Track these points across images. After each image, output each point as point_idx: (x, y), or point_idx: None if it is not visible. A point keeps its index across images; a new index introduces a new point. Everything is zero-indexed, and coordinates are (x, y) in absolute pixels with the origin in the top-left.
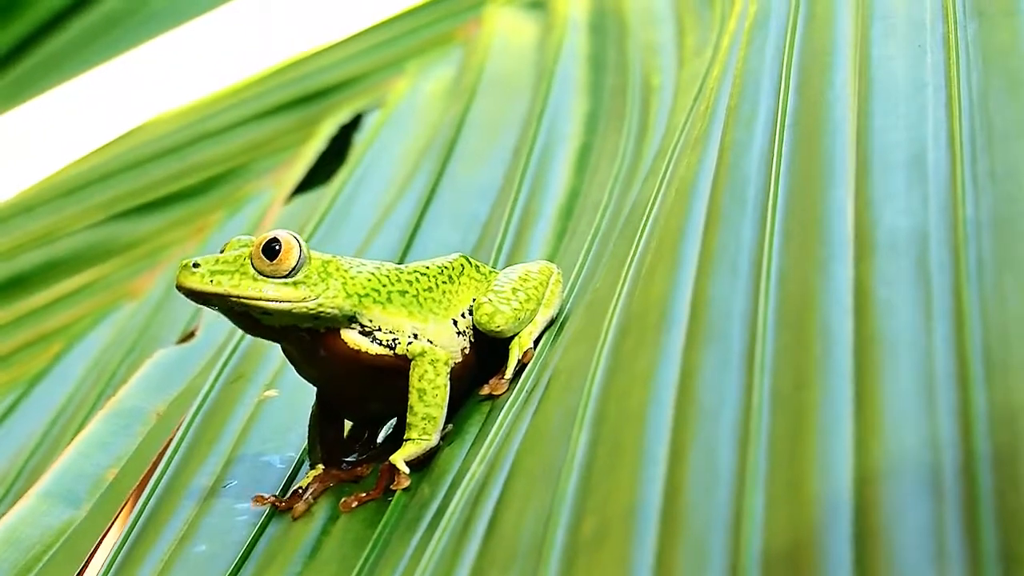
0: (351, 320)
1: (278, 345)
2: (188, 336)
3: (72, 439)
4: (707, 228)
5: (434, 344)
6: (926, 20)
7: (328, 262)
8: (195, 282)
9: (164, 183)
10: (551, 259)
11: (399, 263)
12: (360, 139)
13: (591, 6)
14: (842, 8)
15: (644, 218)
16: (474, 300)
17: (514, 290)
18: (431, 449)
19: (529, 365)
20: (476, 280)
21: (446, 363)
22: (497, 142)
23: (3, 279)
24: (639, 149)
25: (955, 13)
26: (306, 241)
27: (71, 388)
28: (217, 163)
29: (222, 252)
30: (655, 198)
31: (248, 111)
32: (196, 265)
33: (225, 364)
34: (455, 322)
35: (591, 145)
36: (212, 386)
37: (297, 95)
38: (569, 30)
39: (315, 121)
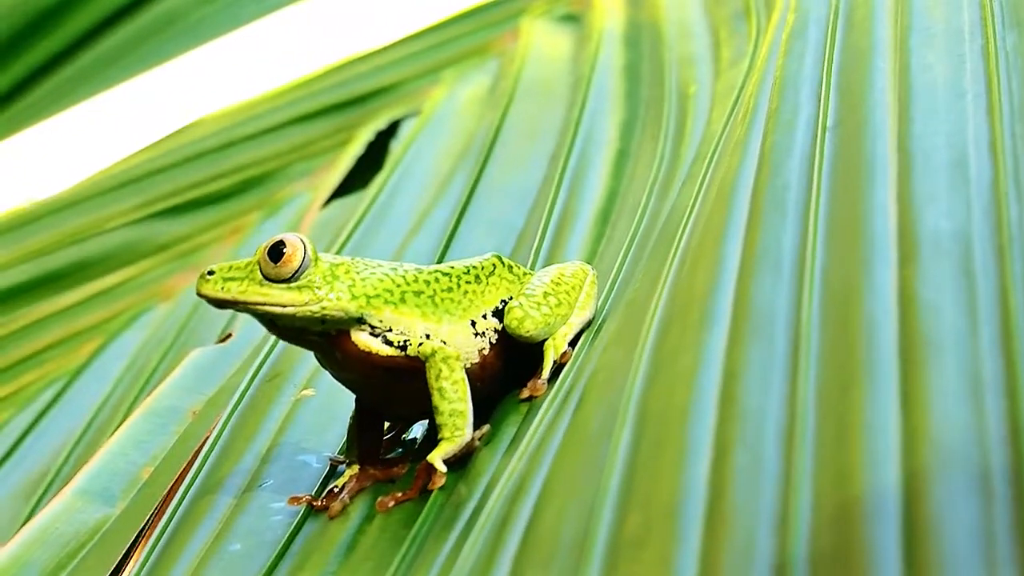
0: (360, 321)
1: None
2: (225, 337)
3: (109, 437)
4: (748, 230)
5: (446, 344)
6: (964, 31)
7: (337, 265)
8: (208, 289)
9: (200, 185)
10: (588, 262)
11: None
12: (397, 145)
13: (626, 19)
14: (880, 19)
15: (683, 221)
16: (503, 302)
17: (545, 294)
18: (468, 448)
19: (567, 366)
20: (508, 280)
21: (458, 359)
22: (533, 148)
23: (37, 277)
24: (676, 155)
25: (994, 24)
26: (341, 246)
27: (108, 386)
28: (253, 166)
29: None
30: (694, 201)
31: (285, 116)
32: (211, 272)
33: (261, 364)
34: (473, 323)
35: (627, 151)
36: (248, 385)
37: (334, 102)
38: (605, 42)
39: (352, 127)
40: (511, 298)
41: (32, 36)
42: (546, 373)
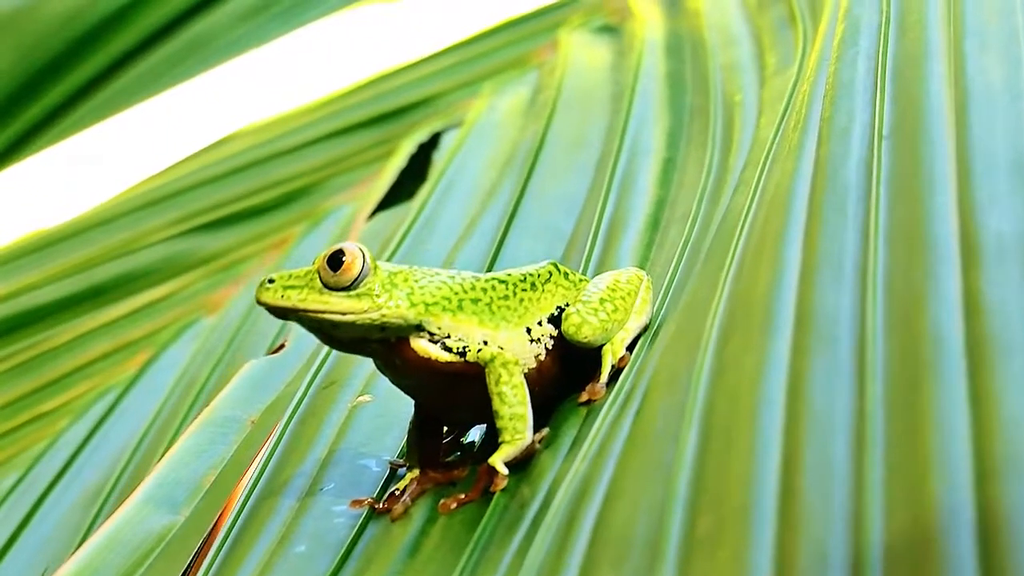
0: (419, 328)
1: None
2: (278, 348)
3: (167, 448)
4: (807, 236)
5: (503, 350)
6: (1019, 33)
7: (396, 273)
8: (268, 297)
9: (243, 197)
10: (640, 268)
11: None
12: (439, 157)
13: (666, 29)
14: (933, 24)
15: (739, 227)
16: (559, 308)
17: (602, 300)
18: (528, 451)
19: (624, 371)
20: (564, 288)
21: (517, 364)
22: (579, 157)
23: (83, 290)
24: (725, 162)
25: None
26: (391, 255)
27: (161, 397)
28: (296, 178)
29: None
30: (749, 208)
31: (326, 129)
32: (271, 281)
33: (317, 372)
34: (529, 329)
35: (674, 159)
36: (305, 393)
37: (373, 114)
38: (647, 51)
39: (392, 139)
40: (567, 305)
41: (75, 55)
42: (604, 377)
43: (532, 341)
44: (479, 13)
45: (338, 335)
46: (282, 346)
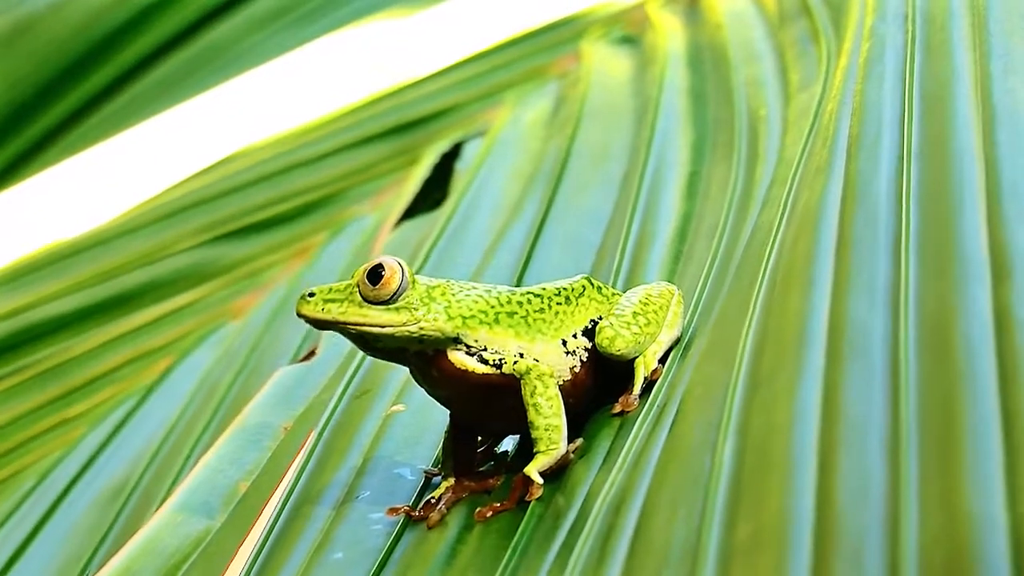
0: (456, 341)
1: None
2: (308, 355)
3: (191, 453)
4: (839, 252)
5: (539, 362)
6: None
7: (434, 287)
8: (308, 310)
9: (265, 206)
10: (668, 281)
11: (517, 286)
12: (462, 167)
13: (687, 41)
14: (958, 45)
15: (769, 243)
16: (592, 322)
17: (635, 314)
18: (563, 461)
19: (657, 383)
20: (597, 301)
21: (552, 376)
22: (605, 169)
23: (107, 297)
24: (751, 177)
25: None
26: (420, 266)
27: (181, 404)
28: (318, 188)
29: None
30: (778, 224)
31: (348, 139)
32: (311, 294)
33: (350, 380)
34: (564, 342)
35: (700, 173)
36: (339, 401)
37: (394, 124)
38: (669, 63)
39: (414, 148)
40: (601, 318)
41: (93, 60)
42: (637, 389)
43: (567, 354)
44: (498, 24)
45: (379, 345)
46: (312, 353)
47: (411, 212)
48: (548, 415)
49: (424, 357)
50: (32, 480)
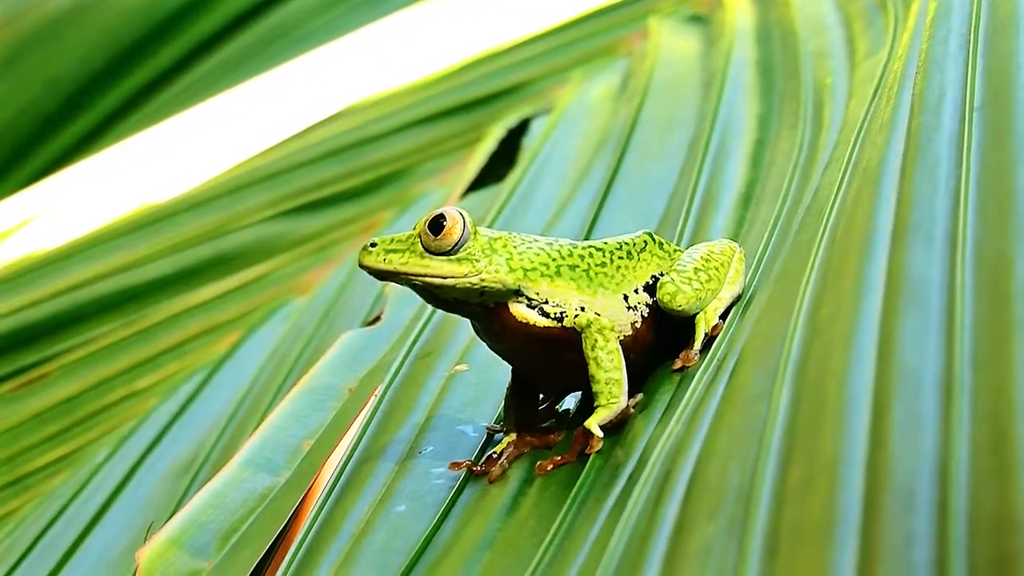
0: (517, 294)
1: (466, 322)
2: (374, 320)
3: (262, 419)
4: (899, 206)
5: (600, 316)
6: None
7: (496, 239)
8: (370, 260)
9: (332, 182)
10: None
11: None
12: (529, 142)
13: (756, 18)
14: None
15: (831, 200)
16: (653, 277)
17: (696, 270)
18: (623, 415)
19: (718, 338)
20: (659, 257)
21: (613, 330)
22: (670, 140)
23: (177, 271)
24: (816, 142)
25: None
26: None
27: (250, 377)
28: (385, 164)
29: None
30: (841, 181)
31: (416, 115)
32: (373, 245)
33: (414, 343)
34: (626, 297)
35: (765, 141)
36: (403, 362)
37: (462, 101)
38: (737, 39)
39: (482, 125)
40: (662, 274)
41: (166, 34)
42: (698, 344)
43: (628, 308)
44: (567, 2)
45: (441, 296)
46: (378, 318)
47: (477, 185)
48: (609, 369)
49: (485, 310)
50: (105, 451)
